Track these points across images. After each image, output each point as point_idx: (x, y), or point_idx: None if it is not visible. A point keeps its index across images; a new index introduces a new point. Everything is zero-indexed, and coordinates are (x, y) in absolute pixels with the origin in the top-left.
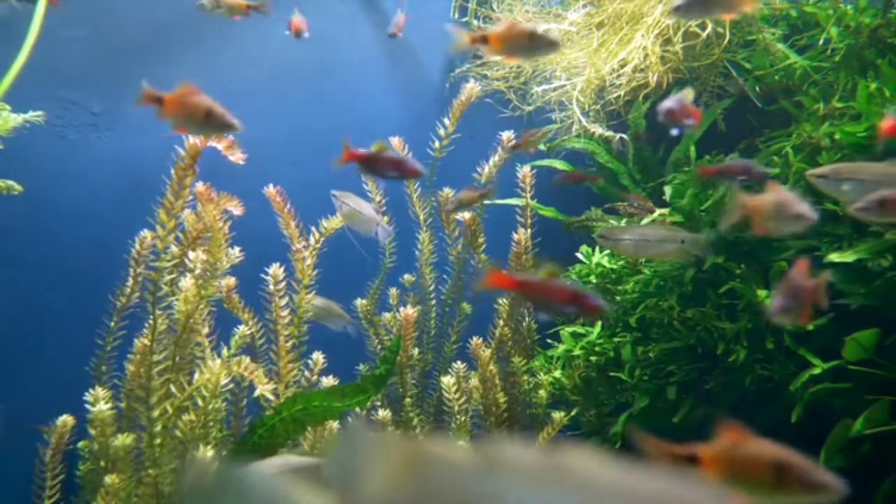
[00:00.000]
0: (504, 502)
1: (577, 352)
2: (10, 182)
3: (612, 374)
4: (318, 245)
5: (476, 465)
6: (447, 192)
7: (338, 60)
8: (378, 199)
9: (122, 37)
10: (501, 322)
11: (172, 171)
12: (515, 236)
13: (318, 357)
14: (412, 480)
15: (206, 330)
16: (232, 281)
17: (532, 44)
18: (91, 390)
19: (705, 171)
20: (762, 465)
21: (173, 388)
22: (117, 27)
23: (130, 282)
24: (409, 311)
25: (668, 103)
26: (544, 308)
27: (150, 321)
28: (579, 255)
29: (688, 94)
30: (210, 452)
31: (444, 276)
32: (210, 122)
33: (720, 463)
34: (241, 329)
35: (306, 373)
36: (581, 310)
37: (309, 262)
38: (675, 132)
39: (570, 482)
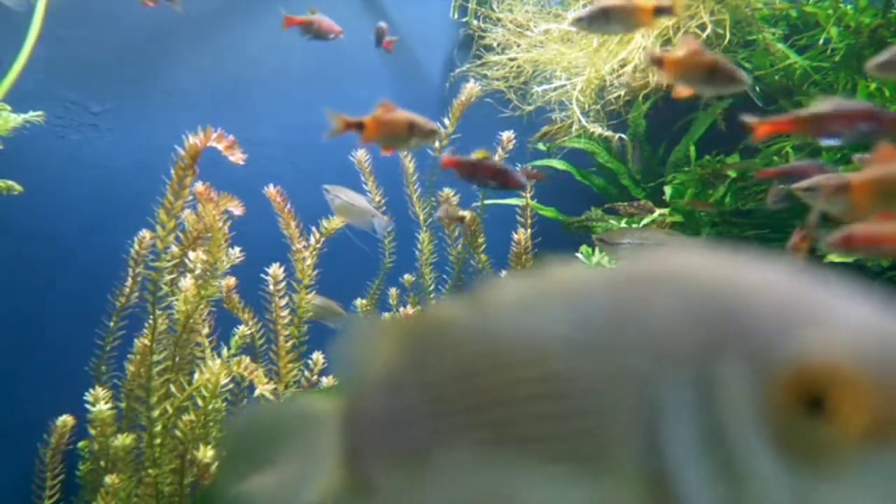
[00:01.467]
0: (492, 338)
1: None
2: (10, 182)
3: None
4: (318, 245)
5: (469, 315)
6: (447, 192)
7: (338, 60)
8: (377, 198)
9: (122, 37)
10: None
11: (172, 171)
12: (515, 236)
13: (318, 357)
14: (411, 351)
15: (206, 330)
16: (232, 281)
17: (712, 75)
18: (91, 390)
19: (765, 174)
20: None
21: (173, 388)
22: (117, 27)
23: (129, 282)
24: (409, 311)
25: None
26: None
27: (150, 321)
28: (579, 256)
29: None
30: (210, 452)
31: (444, 276)
32: (415, 134)
33: None
34: (241, 329)
35: (306, 373)
36: None
37: (309, 262)
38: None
39: (556, 296)
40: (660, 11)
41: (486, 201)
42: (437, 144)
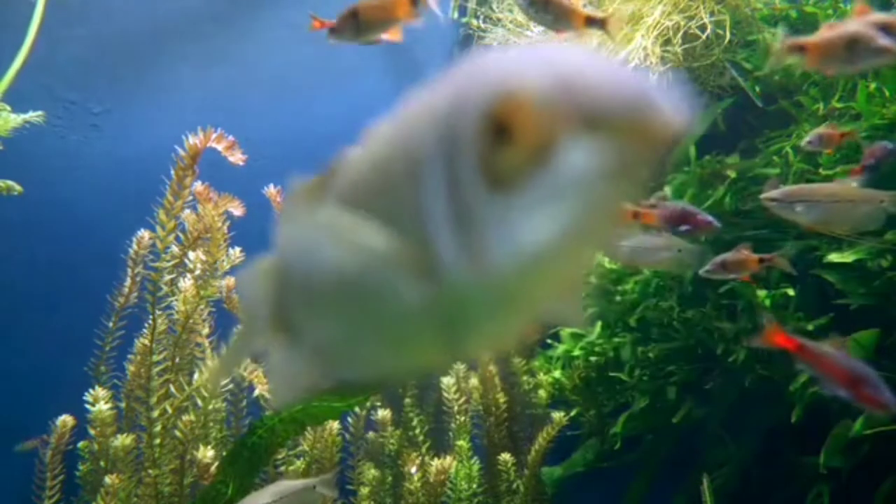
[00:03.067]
0: (355, 165)
1: (576, 352)
2: (10, 182)
3: (611, 374)
4: None
5: (350, 156)
6: None
7: (337, 60)
8: None
9: (122, 37)
10: None
11: (172, 171)
12: None
13: None
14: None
15: (206, 330)
16: (232, 281)
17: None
18: (91, 390)
19: (856, 171)
20: None
21: (173, 389)
22: (117, 27)
23: (129, 282)
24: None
25: None
26: (820, 380)
27: (150, 321)
28: None
29: None
30: (210, 452)
31: None
32: None
33: None
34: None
35: None
36: (860, 398)
37: None
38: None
39: (397, 119)
40: (591, 22)
41: None
42: None
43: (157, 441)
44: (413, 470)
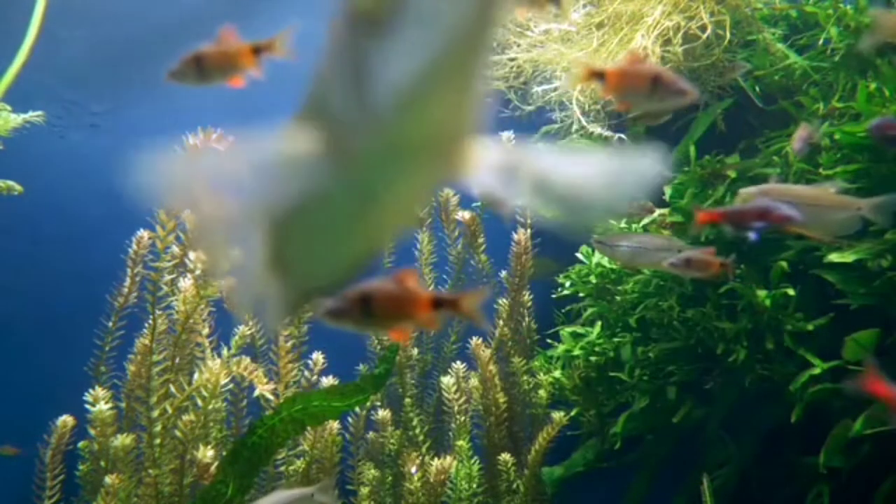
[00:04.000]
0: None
1: (576, 352)
2: (10, 182)
3: (611, 374)
4: None
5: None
6: (447, 192)
7: None
8: None
9: (122, 37)
10: (501, 322)
11: None
12: (515, 236)
13: (317, 357)
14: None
15: (206, 330)
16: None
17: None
18: (91, 390)
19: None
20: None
21: (173, 389)
22: (117, 27)
23: (128, 282)
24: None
25: None
26: None
27: (150, 321)
28: (579, 256)
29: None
30: (210, 452)
31: (444, 277)
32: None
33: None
34: (241, 329)
35: (306, 373)
36: None
37: None
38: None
39: None
40: (257, 51)
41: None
42: None
43: (157, 441)
44: (413, 470)
